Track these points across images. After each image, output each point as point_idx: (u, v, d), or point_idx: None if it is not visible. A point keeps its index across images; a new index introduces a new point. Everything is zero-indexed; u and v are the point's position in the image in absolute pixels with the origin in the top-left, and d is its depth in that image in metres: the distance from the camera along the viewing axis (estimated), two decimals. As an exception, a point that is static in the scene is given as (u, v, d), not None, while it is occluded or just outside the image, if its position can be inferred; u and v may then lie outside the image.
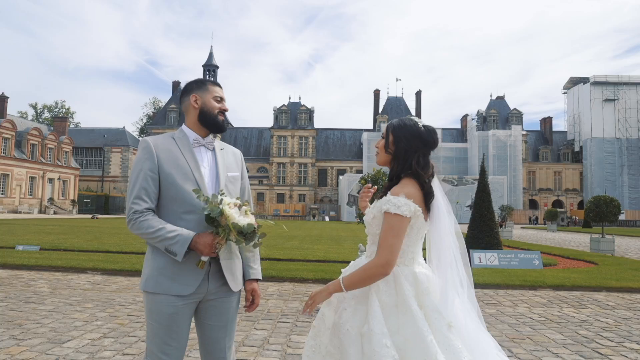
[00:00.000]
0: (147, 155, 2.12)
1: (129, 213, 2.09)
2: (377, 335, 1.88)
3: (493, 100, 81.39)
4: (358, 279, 2.00)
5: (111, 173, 69.54)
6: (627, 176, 71.73)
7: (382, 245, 1.98)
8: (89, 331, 5.00)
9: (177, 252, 2.02)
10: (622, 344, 5.07)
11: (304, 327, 5.45)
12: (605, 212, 17.50)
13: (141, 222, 2.05)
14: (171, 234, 2.03)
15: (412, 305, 1.94)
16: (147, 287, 2.12)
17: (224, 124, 2.28)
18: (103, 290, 7.46)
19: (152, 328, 2.11)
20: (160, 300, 2.08)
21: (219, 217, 1.97)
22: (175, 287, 2.09)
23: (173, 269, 2.09)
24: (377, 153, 2.28)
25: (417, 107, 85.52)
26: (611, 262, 12.76)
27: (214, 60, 77.52)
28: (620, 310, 6.97)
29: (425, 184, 2.10)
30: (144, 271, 2.16)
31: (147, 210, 2.07)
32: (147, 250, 2.19)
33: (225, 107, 2.29)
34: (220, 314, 2.22)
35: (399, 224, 1.98)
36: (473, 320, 2.07)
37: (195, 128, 2.26)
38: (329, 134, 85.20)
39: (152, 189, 2.10)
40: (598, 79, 73.08)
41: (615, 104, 72.50)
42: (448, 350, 1.87)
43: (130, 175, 2.17)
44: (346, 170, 79.78)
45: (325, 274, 9.35)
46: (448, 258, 2.12)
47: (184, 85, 2.32)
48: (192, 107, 2.25)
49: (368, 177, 8.51)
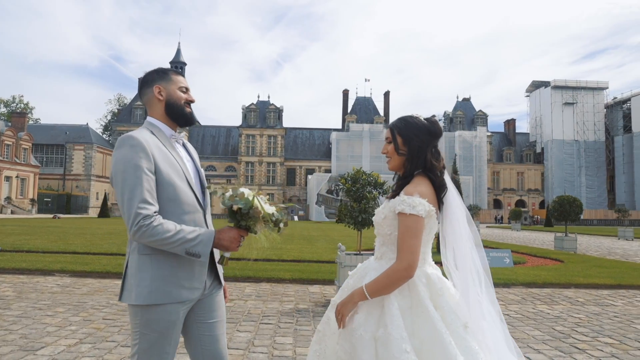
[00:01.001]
0: (142, 154, 1.89)
1: (136, 220, 1.82)
2: (396, 340, 1.82)
3: (459, 101, 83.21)
4: (382, 286, 1.93)
5: (73, 171, 67.15)
6: (585, 177, 74.76)
7: (402, 248, 1.93)
8: (63, 337, 4.78)
9: (202, 252, 1.89)
10: (597, 339, 5.23)
11: (287, 328, 5.39)
12: (568, 212, 18.16)
13: (155, 227, 1.83)
14: (192, 234, 1.88)
15: (428, 307, 1.91)
16: (151, 300, 1.90)
17: (193, 116, 2.16)
18: (73, 293, 7.17)
19: (149, 339, 1.93)
20: (163, 309, 1.93)
21: (251, 209, 1.91)
22: (185, 293, 1.97)
23: (180, 275, 1.96)
24: (387, 160, 2.21)
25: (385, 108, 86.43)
26: (576, 260, 13.22)
27: (182, 57, 76.10)
28: (589, 306, 7.21)
29: (437, 178, 2.08)
30: (140, 283, 1.90)
31: (156, 214, 1.87)
32: (137, 259, 1.93)
33: (192, 98, 2.14)
34: (218, 308, 2.15)
35: (416, 225, 1.94)
36: (494, 325, 2.03)
37: (163, 121, 2.10)
38: (298, 134, 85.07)
39: (154, 191, 1.91)
40: (558, 83, 75.77)
41: (574, 108, 75.37)
42: (466, 351, 1.84)
43: (120, 176, 1.88)
44: (315, 169, 79.84)
45: (302, 273, 9.30)
46: (466, 255, 2.09)
47: (144, 76, 2.12)
48: (157, 99, 2.08)
49: (348, 176, 8.51)
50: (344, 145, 77.76)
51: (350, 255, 6.82)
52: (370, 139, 77.52)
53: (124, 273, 2.00)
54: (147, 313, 1.92)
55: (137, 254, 1.94)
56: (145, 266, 1.93)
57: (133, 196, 1.84)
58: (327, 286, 8.48)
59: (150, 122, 2.10)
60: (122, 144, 1.93)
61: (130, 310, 1.96)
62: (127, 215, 1.84)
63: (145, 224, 1.82)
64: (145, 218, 1.83)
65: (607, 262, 13.35)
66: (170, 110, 2.10)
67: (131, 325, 1.98)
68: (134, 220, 1.82)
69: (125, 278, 1.97)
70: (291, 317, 5.98)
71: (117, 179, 1.89)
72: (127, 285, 1.95)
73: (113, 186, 1.94)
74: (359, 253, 7.10)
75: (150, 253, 1.93)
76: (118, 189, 1.89)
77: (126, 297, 1.95)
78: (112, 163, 1.96)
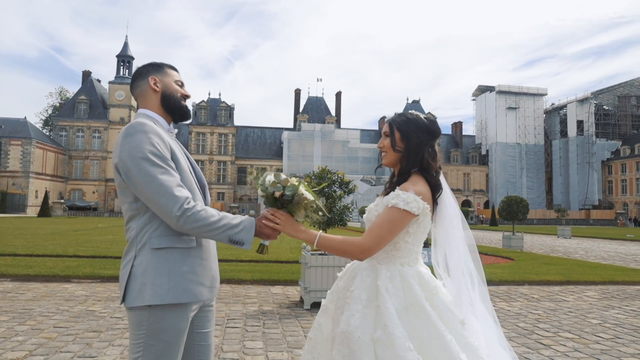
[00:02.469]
0: (159, 140, 1.76)
1: (178, 204, 1.67)
2: (400, 339, 1.76)
3: (409, 103, 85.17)
4: (334, 248, 1.90)
5: (9, 168, 62.96)
6: (526, 178, 78.71)
7: (373, 232, 1.90)
8: (9, 349, 4.34)
9: (245, 240, 1.77)
10: (558, 334, 5.40)
11: (255, 332, 5.20)
12: (515, 211, 18.94)
13: (199, 212, 1.71)
14: (235, 220, 1.77)
15: (425, 306, 1.86)
16: (170, 299, 1.71)
17: (189, 111, 2.05)
18: (17, 300, 6.62)
19: (155, 351, 1.74)
20: (178, 313, 1.75)
21: (295, 196, 1.84)
22: (205, 292, 1.83)
23: (198, 271, 1.81)
24: (383, 155, 2.16)
25: (337, 108, 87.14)
26: (525, 258, 13.78)
27: (130, 51, 73.46)
28: (545, 302, 7.48)
29: (433, 178, 2.05)
30: (156, 281, 1.71)
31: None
32: (149, 256, 1.74)
33: (188, 93, 2.04)
34: (213, 316, 2.02)
35: (400, 221, 1.90)
36: (487, 325, 2.01)
37: (159, 114, 1.96)
38: (249, 132, 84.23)
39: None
40: (502, 88, 79.31)
41: (517, 112, 79.16)
42: (466, 348, 1.81)
43: (144, 164, 1.69)
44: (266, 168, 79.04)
45: (263, 274, 9.11)
46: (459, 257, 2.06)
47: (137, 69, 2.02)
48: (152, 90, 1.95)
49: (313, 175, 8.32)
50: (295, 145, 77.72)
51: (315, 255, 6.70)
52: (322, 139, 77.95)
53: (128, 273, 1.75)
54: (159, 319, 1.73)
55: (148, 251, 1.75)
56: (160, 262, 1.74)
57: (167, 182, 1.70)
58: (289, 287, 8.33)
59: (146, 114, 1.93)
60: (134, 131, 1.76)
61: (135, 317, 1.75)
62: (165, 201, 1.68)
63: (189, 208, 1.70)
64: (188, 202, 1.71)
65: (554, 259, 14.01)
66: (167, 102, 1.96)
67: (133, 335, 1.77)
68: (178, 205, 1.68)
69: (131, 278, 1.74)
70: (257, 319, 5.79)
71: (138, 166, 1.70)
72: (134, 286, 1.73)
73: (127, 176, 1.73)
74: (324, 253, 7.00)
75: (166, 247, 1.76)
76: (141, 178, 1.70)
77: (135, 299, 1.72)
78: (122, 151, 1.74)
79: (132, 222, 1.80)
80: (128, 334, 4.87)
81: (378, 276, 1.92)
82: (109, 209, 72.44)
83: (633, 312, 6.79)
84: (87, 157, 73.21)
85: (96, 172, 73.30)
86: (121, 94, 73.26)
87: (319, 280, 6.50)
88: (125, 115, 73.93)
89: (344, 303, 1.96)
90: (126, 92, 73.39)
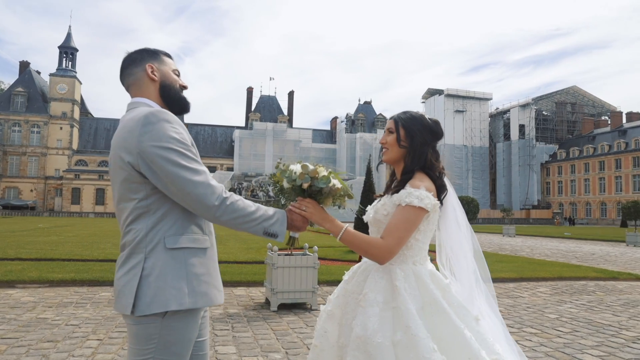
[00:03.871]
0: (181, 129, 1.64)
1: (215, 195, 1.56)
2: (423, 340, 1.72)
3: (361, 104, 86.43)
4: (354, 243, 1.86)
5: None
6: (472, 179, 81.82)
7: (392, 234, 1.85)
8: (-46, 361, 3.97)
9: (279, 232, 1.70)
10: (522, 329, 5.57)
11: (225, 336, 5.01)
12: (467, 211, 19.54)
13: (236, 202, 1.62)
14: (269, 212, 1.70)
15: (443, 304, 1.85)
16: (191, 304, 1.56)
17: (189, 103, 1.89)
18: (-44, 307, 6.06)
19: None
20: (191, 321, 1.62)
21: (326, 187, 1.80)
22: (219, 295, 1.70)
23: (212, 274, 1.69)
24: (385, 150, 2.14)
25: (289, 107, 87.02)
26: (478, 256, 14.22)
27: (73, 42, 69.97)
28: (503, 299, 7.73)
29: (438, 178, 2.04)
30: (175, 284, 1.55)
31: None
32: (163, 257, 1.57)
33: (185, 84, 1.88)
34: (208, 324, 1.89)
35: (416, 219, 1.88)
36: (493, 324, 2.02)
37: (158, 104, 1.79)
38: (200, 130, 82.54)
39: None
40: (450, 92, 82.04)
41: (464, 115, 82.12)
42: (483, 344, 1.81)
43: (172, 154, 1.55)
44: (217, 167, 78.04)
45: (224, 275, 8.78)
46: (466, 258, 2.07)
47: (129, 55, 1.82)
48: (149, 78, 1.77)
49: (280, 163, 8.00)
50: (247, 144, 76.91)
51: (282, 256, 6.57)
52: (274, 138, 77.56)
53: (139, 278, 1.56)
54: (170, 329, 1.56)
55: (163, 251, 1.57)
56: (178, 264, 1.59)
57: (200, 172, 1.59)
58: (252, 288, 8.15)
59: (146, 103, 1.74)
60: (156, 119, 1.59)
61: (143, 330, 1.56)
62: (203, 190, 1.56)
63: (228, 197, 1.61)
64: (224, 192, 1.62)
65: (505, 257, 14.57)
66: (166, 92, 1.79)
67: (137, 351, 1.58)
68: (216, 195, 1.57)
69: (143, 283, 1.55)
70: (225, 323, 5.59)
71: (165, 157, 1.54)
72: (147, 292, 1.54)
73: (149, 168, 1.55)
74: (291, 254, 6.87)
75: (183, 247, 1.59)
76: (171, 169, 1.53)
77: (149, 306, 1.53)
78: (143, 141, 1.56)
79: (138, 222, 1.61)
80: (89, 342, 4.59)
81: (394, 277, 1.88)
82: (49, 208, 68.71)
83: (584, 306, 7.14)
84: (24, 153, 69.11)
85: (35, 169, 69.35)
86: (63, 87, 69.69)
87: (286, 281, 6.38)
88: (68, 110, 70.34)
89: (357, 307, 1.90)
90: (69, 86, 69.84)
